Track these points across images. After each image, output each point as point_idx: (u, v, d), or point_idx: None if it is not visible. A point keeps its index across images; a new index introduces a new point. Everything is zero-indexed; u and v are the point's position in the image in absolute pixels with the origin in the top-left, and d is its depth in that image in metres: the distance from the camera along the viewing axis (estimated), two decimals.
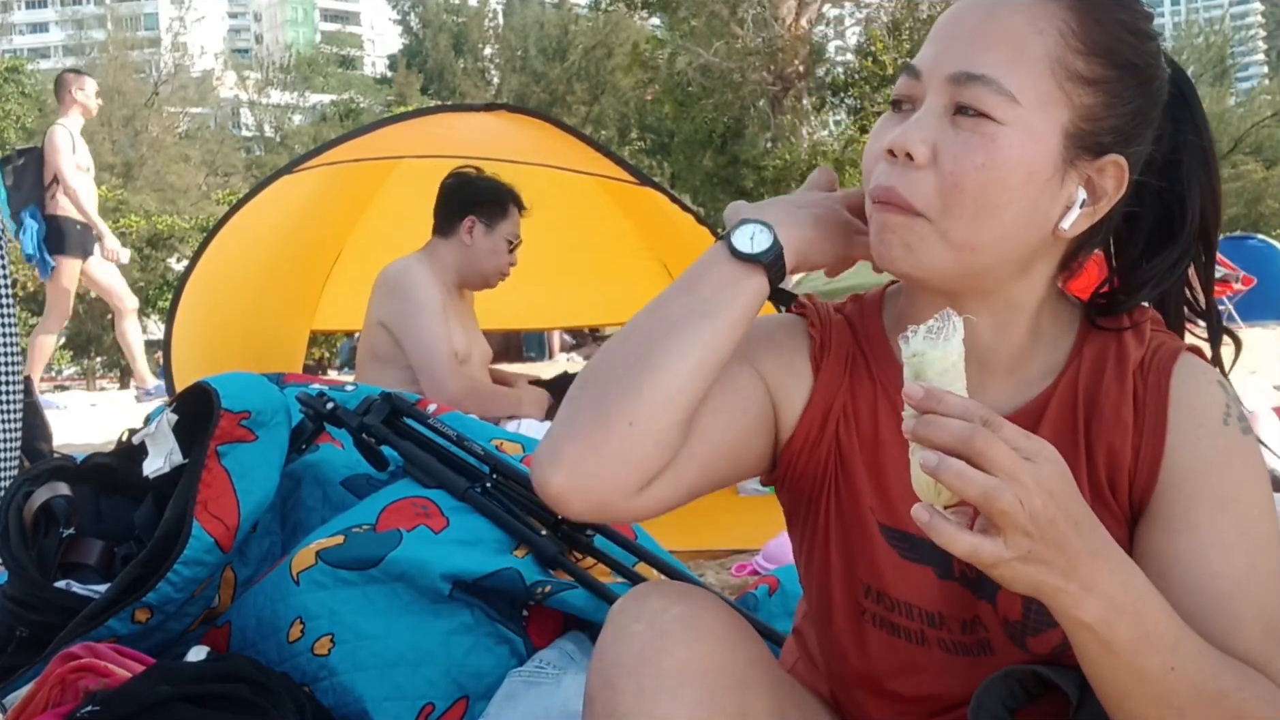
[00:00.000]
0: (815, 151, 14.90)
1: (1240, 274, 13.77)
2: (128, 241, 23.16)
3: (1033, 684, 0.93)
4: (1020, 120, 0.88)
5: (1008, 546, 0.74)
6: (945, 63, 0.90)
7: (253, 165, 33.87)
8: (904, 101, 0.93)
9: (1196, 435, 0.93)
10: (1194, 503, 0.91)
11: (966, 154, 0.88)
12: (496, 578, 1.55)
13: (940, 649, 0.99)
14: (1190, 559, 0.89)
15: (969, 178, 0.88)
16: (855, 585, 1.00)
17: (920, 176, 0.89)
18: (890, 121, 0.94)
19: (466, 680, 1.50)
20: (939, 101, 0.90)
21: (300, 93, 41.24)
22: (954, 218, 0.89)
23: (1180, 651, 0.82)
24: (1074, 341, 0.99)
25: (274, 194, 3.83)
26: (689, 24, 15.35)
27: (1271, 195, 31.84)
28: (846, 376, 1.02)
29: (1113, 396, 0.95)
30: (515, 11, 36.12)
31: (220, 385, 1.69)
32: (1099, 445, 0.95)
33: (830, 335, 1.03)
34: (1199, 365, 0.97)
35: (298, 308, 4.35)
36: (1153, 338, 0.98)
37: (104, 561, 1.64)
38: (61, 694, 1.35)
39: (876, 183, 0.92)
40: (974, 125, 0.88)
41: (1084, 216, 0.92)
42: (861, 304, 1.07)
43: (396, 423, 1.82)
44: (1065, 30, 0.89)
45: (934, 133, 0.89)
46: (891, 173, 0.90)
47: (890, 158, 0.91)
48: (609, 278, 4.70)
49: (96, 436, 4.85)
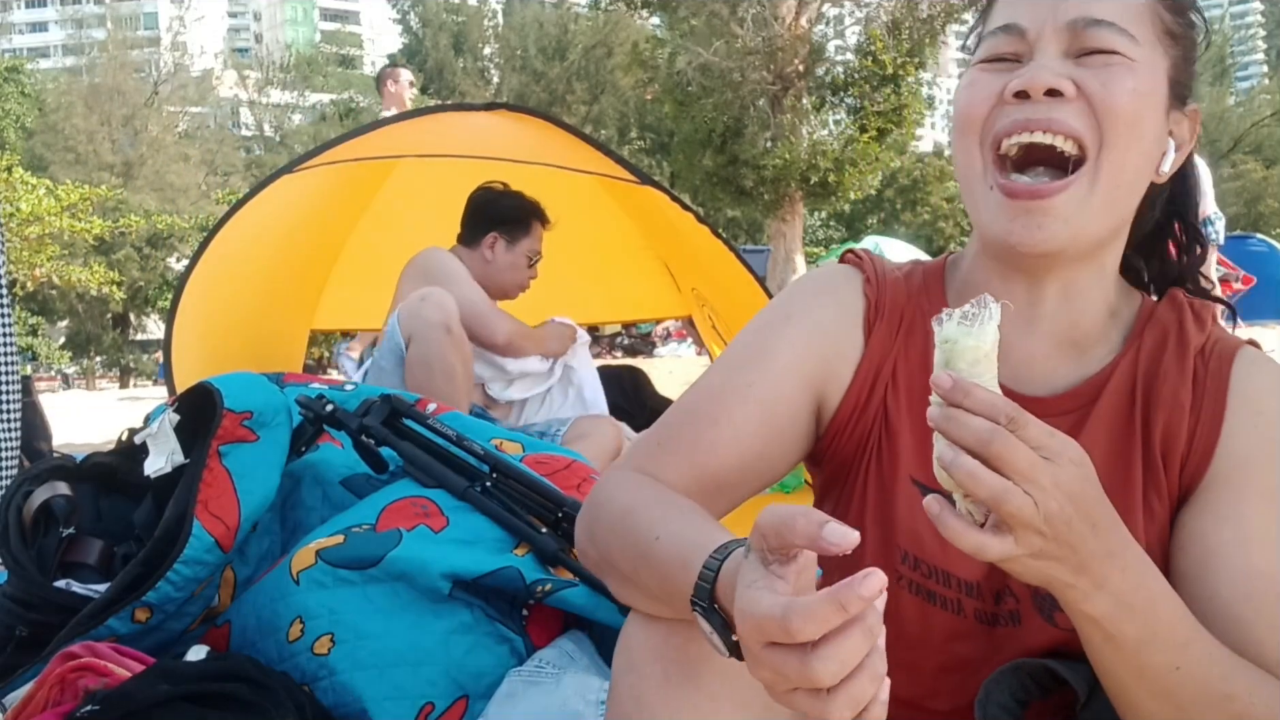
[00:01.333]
0: (815, 151, 14.86)
1: (1240, 274, 13.77)
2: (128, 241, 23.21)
3: (1043, 678, 0.93)
4: (1143, 56, 0.91)
5: (1018, 544, 0.74)
6: (1059, 13, 0.91)
7: (253, 165, 33.85)
8: (1006, 58, 0.94)
9: (1254, 424, 0.94)
10: (1245, 492, 0.91)
11: (1115, 80, 0.90)
12: (496, 576, 1.55)
13: (975, 619, 0.99)
14: (1233, 550, 0.89)
15: (1122, 101, 0.90)
16: (892, 552, 1.00)
17: (1075, 109, 0.90)
18: (987, 74, 0.94)
19: (466, 679, 1.50)
20: (1056, 48, 0.92)
21: (300, 92, 41.22)
22: (1109, 147, 0.90)
23: (1189, 652, 0.81)
24: (1135, 323, 1.00)
25: (274, 194, 3.83)
26: (689, 23, 15.32)
27: (1271, 195, 31.84)
28: (899, 338, 1.02)
29: (1171, 378, 0.96)
30: (515, 11, 36.08)
31: (223, 385, 1.69)
32: (1155, 424, 0.95)
33: (885, 296, 1.03)
34: (1261, 357, 0.98)
35: (298, 307, 4.35)
36: (1213, 328, 0.99)
37: (104, 561, 1.64)
38: (61, 693, 1.35)
39: (1017, 118, 0.91)
40: (1105, 60, 0.90)
41: (1172, 163, 0.97)
42: (924, 270, 1.07)
43: (396, 423, 1.82)
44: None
45: (1066, 70, 0.90)
46: (1037, 107, 0.90)
47: (1020, 100, 0.91)
48: (609, 277, 4.70)
49: (96, 436, 4.85)
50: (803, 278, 1.09)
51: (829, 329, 1.02)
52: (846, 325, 1.02)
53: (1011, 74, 0.92)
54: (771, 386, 0.99)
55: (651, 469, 0.97)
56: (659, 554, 0.85)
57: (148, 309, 25.62)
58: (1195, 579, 0.90)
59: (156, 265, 24.94)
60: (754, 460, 0.96)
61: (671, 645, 0.87)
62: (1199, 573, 0.88)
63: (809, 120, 15.34)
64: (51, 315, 24.99)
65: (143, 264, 24.74)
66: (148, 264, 24.86)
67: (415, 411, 1.85)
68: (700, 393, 1.01)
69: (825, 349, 1.01)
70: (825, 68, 15.73)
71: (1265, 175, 32.02)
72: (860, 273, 1.05)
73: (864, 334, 1.02)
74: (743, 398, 0.98)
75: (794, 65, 14.92)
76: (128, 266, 23.94)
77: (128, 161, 28.59)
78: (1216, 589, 0.85)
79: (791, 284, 1.09)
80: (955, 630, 0.99)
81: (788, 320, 1.02)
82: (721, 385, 1.00)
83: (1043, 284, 0.97)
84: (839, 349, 1.01)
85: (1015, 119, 0.91)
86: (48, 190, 18.22)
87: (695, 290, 4.63)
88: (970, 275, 1.03)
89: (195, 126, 35.91)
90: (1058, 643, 0.96)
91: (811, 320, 1.02)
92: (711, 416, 0.98)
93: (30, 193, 17.69)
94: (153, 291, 24.61)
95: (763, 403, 0.98)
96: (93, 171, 26.22)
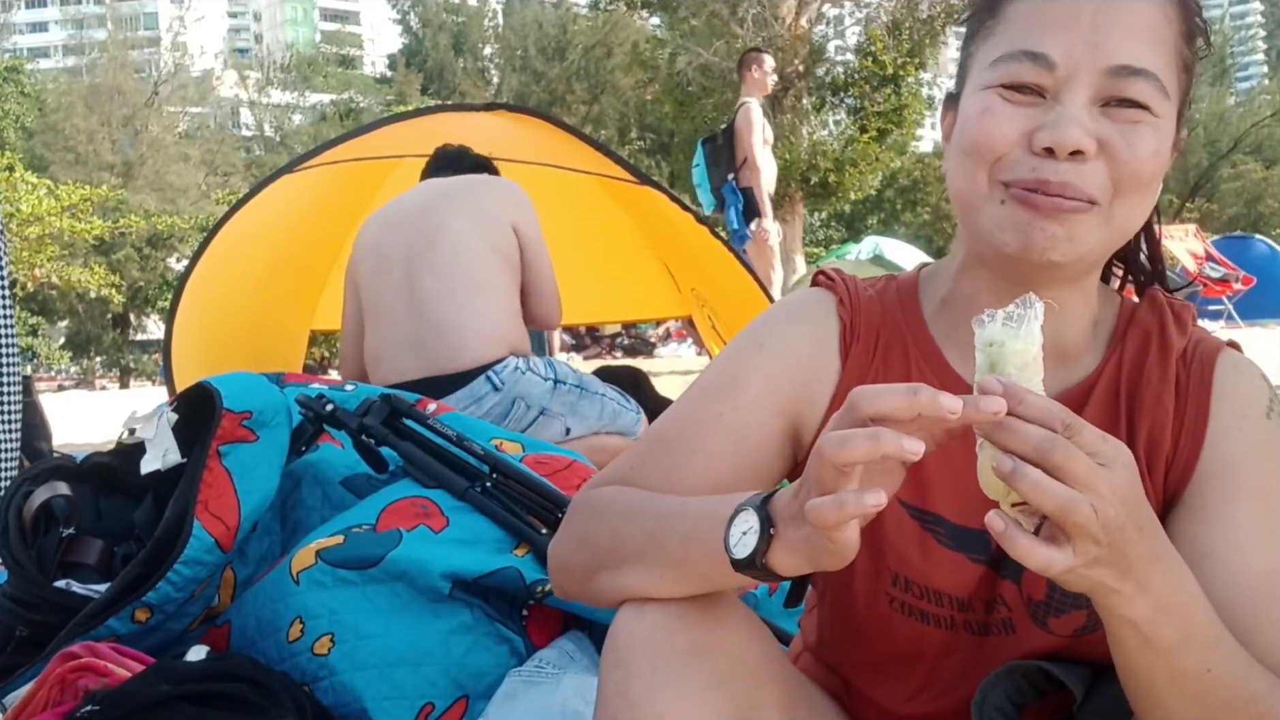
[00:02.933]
0: (815, 151, 14.88)
1: (1240, 274, 13.79)
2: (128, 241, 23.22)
3: (1040, 680, 0.93)
4: (1166, 112, 0.90)
5: (1076, 554, 0.73)
6: (1099, 55, 0.88)
7: (253, 165, 33.83)
8: (1030, 89, 0.90)
9: (1239, 426, 0.93)
10: (1233, 494, 0.91)
11: (1140, 142, 0.88)
12: (497, 576, 1.55)
13: (968, 631, 0.99)
14: (1225, 551, 0.89)
15: (1146, 166, 0.89)
16: (882, 574, 0.99)
17: (1091, 168, 0.88)
18: (1009, 105, 0.91)
19: (466, 680, 1.50)
20: (1084, 94, 0.88)
21: (300, 92, 41.22)
22: (1123, 203, 0.90)
23: (1218, 654, 0.81)
24: (1116, 328, 1.00)
25: (274, 194, 3.83)
26: (689, 23, 15.34)
27: (1271, 195, 31.84)
28: (877, 358, 1.02)
29: (1155, 383, 0.96)
30: (515, 11, 36.08)
31: (222, 385, 1.69)
32: (1140, 430, 0.95)
33: (859, 317, 1.03)
34: (1242, 359, 0.98)
35: (298, 307, 4.35)
36: (1194, 331, 0.99)
37: (104, 561, 1.64)
38: (61, 693, 1.35)
39: (1039, 175, 0.89)
40: (1134, 116, 0.89)
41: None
42: (897, 285, 1.06)
43: (396, 423, 1.82)
44: (1174, 16, 0.91)
45: (1093, 125, 0.88)
46: (1058, 168, 0.88)
47: (1046, 155, 0.89)
48: (608, 277, 4.70)
49: (96, 436, 4.85)
50: (775, 305, 1.09)
51: (803, 355, 1.01)
52: (821, 349, 1.02)
53: (1034, 109, 0.89)
54: (743, 415, 0.99)
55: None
56: (691, 509, 0.88)
57: (148, 309, 25.60)
58: None
59: (156, 265, 24.92)
60: (726, 488, 0.95)
61: (657, 639, 0.87)
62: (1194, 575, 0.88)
63: (809, 120, 15.35)
64: (52, 315, 24.98)
65: (143, 264, 24.73)
66: (148, 264, 24.84)
67: (415, 411, 1.85)
68: (672, 421, 1.02)
69: (799, 374, 1.01)
70: (825, 68, 15.75)
71: (1265, 175, 32.01)
72: (833, 295, 1.04)
73: (840, 357, 1.01)
74: (714, 427, 0.98)
75: (794, 65, 14.93)
76: (128, 267, 23.93)
77: (128, 162, 28.58)
78: (1211, 591, 0.85)
79: (765, 312, 1.09)
80: (949, 645, 0.99)
81: (760, 349, 1.02)
82: (693, 413, 1.00)
83: (1033, 292, 0.97)
84: (814, 373, 1.01)
85: (1037, 175, 0.89)
86: (48, 190, 18.23)
87: (695, 290, 4.63)
88: (957, 288, 1.01)
89: (195, 127, 35.88)
90: (1052, 649, 0.96)
91: (784, 347, 1.02)
92: (683, 444, 0.99)
93: (30, 193, 17.70)
94: (153, 292, 24.59)
95: (734, 430, 0.98)
96: (93, 172, 26.21)
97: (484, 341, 2.62)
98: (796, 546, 0.77)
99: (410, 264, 2.69)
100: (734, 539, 0.80)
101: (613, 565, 0.92)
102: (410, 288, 2.67)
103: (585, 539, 0.96)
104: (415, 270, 2.68)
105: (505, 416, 2.62)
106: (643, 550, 0.89)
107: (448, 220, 2.71)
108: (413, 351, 2.63)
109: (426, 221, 2.73)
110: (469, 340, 2.61)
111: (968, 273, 1.00)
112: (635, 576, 0.90)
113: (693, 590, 0.88)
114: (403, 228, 2.76)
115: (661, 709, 0.85)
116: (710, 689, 0.85)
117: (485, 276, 2.69)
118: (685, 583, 0.88)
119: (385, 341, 2.70)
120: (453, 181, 2.90)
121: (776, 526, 0.78)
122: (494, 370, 2.60)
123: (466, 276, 2.66)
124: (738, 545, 0.80)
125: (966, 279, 1.00)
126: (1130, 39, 0.89)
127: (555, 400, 2.68)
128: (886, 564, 0.99)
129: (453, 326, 2.61)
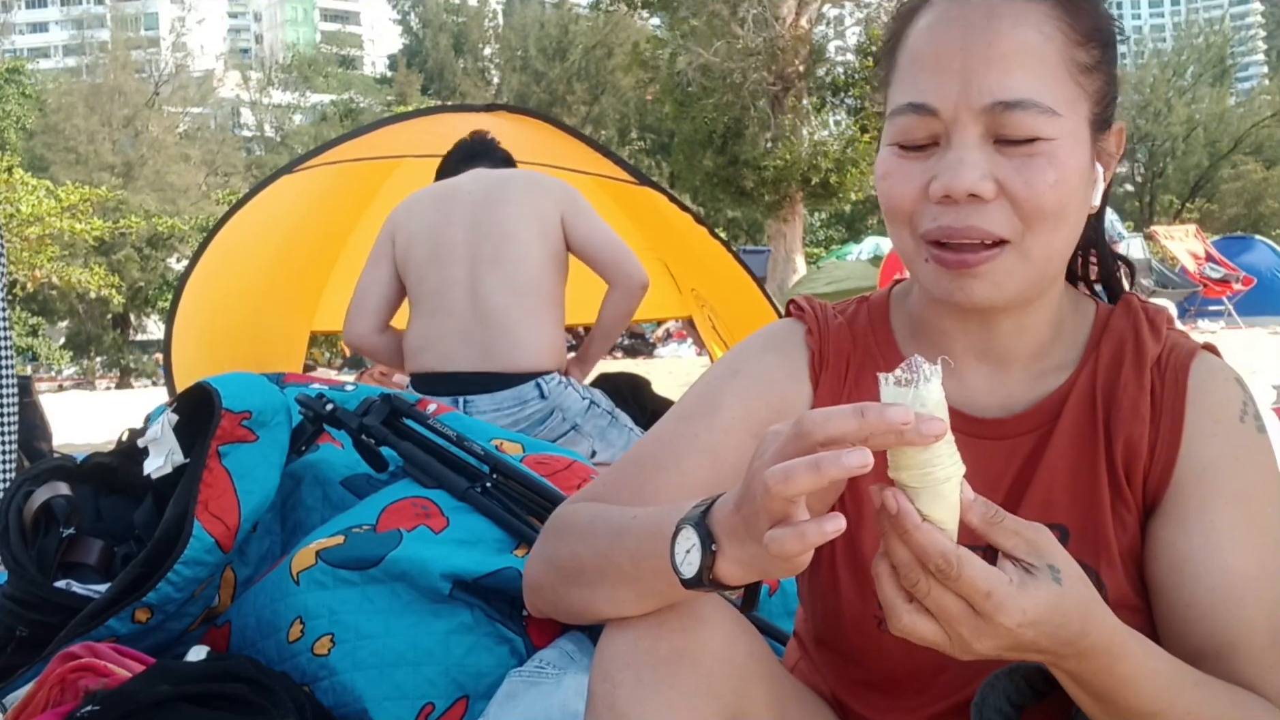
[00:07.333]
0: (816, 151, 14.88)
1: (1240, 274, 13.81)
2: (128, 241, 23.22)
3: (1039, 681, 0.93)
4: (1064, 129, 0.88)
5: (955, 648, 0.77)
6: (973, 95, 0.87)
7: (253, 165, 33.85)
8: (921, 144, 0.90)
9: (1213, 431, 0.93)
10: (1210, 498, 0.91)
11: (1037, 177, 0.87)
12: (497, 577, 1.55)
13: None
14: (1204, 555, 0.89)
15: (1047, 198, 0.87)
16: (868, 598, 0.98)
17: (993, 209, 0.87)
18: (906, 162, 0.91)
19: (466, 680, 1.50)
20: (973, 133, 0.87)
21: (300, 93, 41.26)
22: (1035, 235, 0.88)
23: (1196, 697, 0.82)
24: (1091, 335, 1.00)
25: (274, 194, 3.83)
26: (689, 24, 15.34)
27: (1271, 195, 31.84)
28: (848, 383, 1.02)
29: (1130, 390, 0.96)
30: (515, 11, 36.10)
31: (221, 385, 1.69)
32: (1117, 438, 0.95)
33: (828, 345, 1.03)
34: (1216, 363, 0.98)
35: (298, 308, 4.36)
36: (1169, 335, 0.98)
37: (104, 561, 1.64)
38: (61, 694, 1.35)
39: (941, 224, 0.89)
40: (1027, 149, 0.87)
41: (1101, 188, 0.95)
42: (868, 306, 1.07)
43: (396, 423, 1.82)
44: (1063, 26, 0.89)
45: (988, 166, 0.87)
46: (959, 213, 0.88)
47: (947, 202, 0.88)
48: None
49: (96, 436, 4.85)
50: (751, 336, 1.10)
51: (775, 382, 1.02)
52: (793, 378, 1.03)
53: (930, 160, 0.89)
54: (717, 437, 1.00)
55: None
56: (636, 527, 0.87)
57: (148, 309, 25.61)
58: (1171, 587, 0.90)
59: (156, 266, 24.93)
60: None
61: (641, 648, 0.87)
62: (1174, 580, 0.88)
63: (809, 121, 15.36)
64: (52, 316, 24.98)
65: (143, 265, 24.73)
66: (148, 265, 24.85)
67: (415, 411, 1.85)
68: (649, 441, 1.03)
69: (773, 401, 1.01)
70: (826, 68, 15.76)
71: (1265, 176, 31.98)
72: (802, 324, 1.05)
73: (811, 384, 1.02)
74: (689, 446, 0.99)
75: (794, 66, 14.94)
76: (128, 267, 23.94)
77: (128, 162, 28.59)
78: (1193, 595, 0.85)
79: (741, 342, 1.10)
80: (940, 663, 0.99)
81: (735, 375, 1.03)
82: (669, 434, 1.02)
83: (995, 319, 0.97)
84: (787, 400, 1.02)
85: (939, 224, 0.89)
86: (48, 191, 18.26)
87: (695, 291, 4.63)
88: (922, 312, 1.02)
89: (196, 127, 35.89)
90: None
91: (759, 373, 1.03)
92: (656, 462, 1.00)
93: (31, 193, 17.73)
94: (153, 292, 24.60)
95: (708, 451, 0.99)
96: (93, 172, 26.23)
97: (541, 351, 2.72)
98: (742, 560, 0.77)
99: (474, 262, 2.75)
100: (679, 557, 0.80)
101: (581, 584, 0.93)
102: (473, 285, 2.73)
103: (551, 559, 0.97)
104: (479, 269, 2.74)
105: (542, 424, 2.71)
106: (601, 571, 0.90)
107: (511, 224, 2.77)
108: (467, 345, 2.70)
109: (489, 218, 2.78)
110: (529, 346, 2.70)
111: (932, 305, 1.01)
112: (600, 596, 0.91)
113: (657, 605, 0.88)
114: (463, 222, 2.80)
115: (649, 718, 0.85)
116: (698, 694, 0.86)
117: (547, 289, 2.78)
118: (645, 599, 0.88)
119: (438, 330, 2.75)
120: (504, 176, 2.92)
121: (718, 542, 0.77)
122: (543, 379, 2.70)
123: (530, 285, 2.74)
124: (684, 564, 0.79)
125: (931, 309, 1.01)
126: (1004, 70, 0.87)
127: (588, 420, 2.77)
128: (872, 588, 0.99)
129: (514, 330, 2.70)
